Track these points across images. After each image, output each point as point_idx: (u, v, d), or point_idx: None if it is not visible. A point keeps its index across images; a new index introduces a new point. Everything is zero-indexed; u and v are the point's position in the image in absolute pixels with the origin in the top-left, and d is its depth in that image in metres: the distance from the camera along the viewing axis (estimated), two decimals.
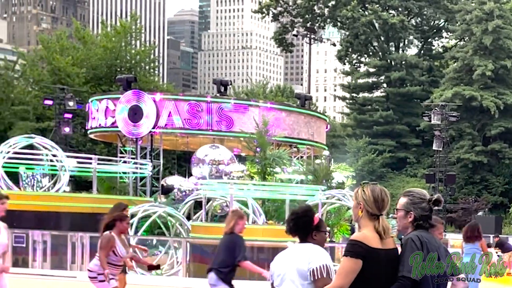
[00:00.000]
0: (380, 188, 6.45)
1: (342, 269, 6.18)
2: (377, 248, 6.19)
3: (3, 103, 75.75)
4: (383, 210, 6.32)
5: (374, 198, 6.33)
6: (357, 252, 6.13)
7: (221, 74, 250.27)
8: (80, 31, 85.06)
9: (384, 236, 6.25)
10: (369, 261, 6.12)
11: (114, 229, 12.91)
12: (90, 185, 39.59)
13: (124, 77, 40.92)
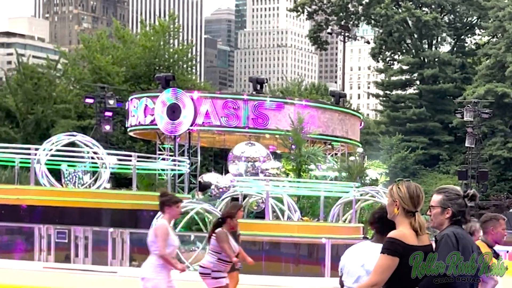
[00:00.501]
0: (415, 184, 6.44)
1: (378, 266, 6.19)
2: (414, 245, 6.19)
3: (46, 101, 76.31)
4: (419, 206, 6.32)
5: (410, 195, 6.31)
6: (394, 250, 6.13)
7: (257, 72, 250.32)
8: (120, 31, 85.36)
9: (420, 233, 6.25)
10: (406, 259, 6.11)
11: (225, 226, 13.13)
12: (129, 182, 39.77)
13: (162, 76, 41.04)
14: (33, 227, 24.79)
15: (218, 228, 13.22)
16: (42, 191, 27.05)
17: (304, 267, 22.89)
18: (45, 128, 74.89)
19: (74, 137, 30.26)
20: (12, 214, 25.61)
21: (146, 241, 23.24)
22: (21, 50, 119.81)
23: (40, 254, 24.35)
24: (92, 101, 58.13)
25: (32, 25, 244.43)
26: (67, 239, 24.36)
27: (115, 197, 28.44)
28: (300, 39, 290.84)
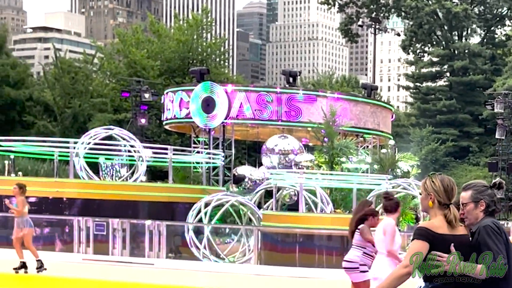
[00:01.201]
0: (448, 178, 6.46)
1: (410, 250, 6.26)
2: (445, 234, 6.23)
3: (83, 95, 76.75)
4: (453, 198, 6.35)
5: (444, 188, 6.33)
6: (423, 235, 6.19)
7: (288, 65, 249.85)
8: (155, 25, 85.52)
9: (455, 224, 6.27)
10: (436, 246, 6.15)
11: (366, 223, 13.19)
12: (164, 175, 39.87)
13: (197, 69, 41.16)
14: (72, 220, 24.97)
15: (360, 224, 13.27)
16: (81, 184, 27.23)
17: (337, 259, 22.81)
18: (82, 121, 75.31)
19: (111, 130, 30.35)
20: (52, 206, 25.80)
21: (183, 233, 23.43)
22: (58, 44, 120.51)
23: (79, 246, 24.51)
24: (128, 95, 58.44)
25: (68, 20, 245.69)
26: (105, 232, 24.49)
27: (152, 190, 28.55)
28: (331, 32, 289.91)
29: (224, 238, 24.97)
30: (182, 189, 29.25)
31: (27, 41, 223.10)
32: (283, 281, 20.50)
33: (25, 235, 20.02)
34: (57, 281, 19.25)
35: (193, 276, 21.34)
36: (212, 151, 35.20)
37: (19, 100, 78.38)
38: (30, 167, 46.70)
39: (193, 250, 23.90)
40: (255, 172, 34.46)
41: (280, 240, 24.04)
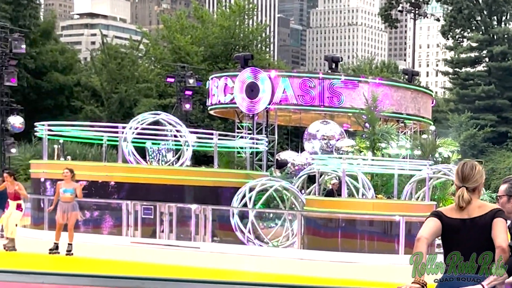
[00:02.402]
0: (466, 162, 6.50)
1: (422, 227, 6.41)
2: (450, 217, 6.32)
3: (129, 81, 77.12)
4: (464, 182, 6.34)
5: (457, 171, 6.42)
6: (433, 213, 6.35)
7: (328, 51, 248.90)
8: (198, 11, 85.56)
9: (461, 206, 6.27)
10: (444, 228, 6.29)
11: None
12: (208, 159, 39.92)
13: (241, 55, 41.03)
14: (121, 203, 25.13)
15: None
16: (129, 168, 27.24)
17: (379, 244, 22.79)
18: (128, 107, 75.72)
19: (158, 115, 30.35)
20: (101, 190, 25.95)
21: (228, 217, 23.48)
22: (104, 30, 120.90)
23: (128, 229, 24.67)
24: (172, 80, 58.55)
25: (114, 6, 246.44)
26: (153, 215, 24.62)
27: (198, 174, 28.50)
28: (371, 17, 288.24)
29: (268, 223, 24.96)
30: (227, 174, 29.20)
31: (74, 27, 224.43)
32: (326, 266, 20.48)
33: (70, 219, 20.20)
34: (105, 263, 19.38)
35: (237, 260, 21.40)
36: (255, 136, 35.14)
37: (68, 85, 79.02)
38: (78, 151, 47.03)
39: (238, 234, 23.93)
40: (298, 157, 34.41)
41: (323, 225, 23.99)
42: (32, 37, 74.70)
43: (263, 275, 17.75)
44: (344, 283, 16.16)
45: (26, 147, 52.33)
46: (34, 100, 74.59)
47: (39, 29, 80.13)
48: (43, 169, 27.41)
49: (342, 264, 20.68)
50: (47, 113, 68.03)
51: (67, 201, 20.23)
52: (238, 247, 23.31)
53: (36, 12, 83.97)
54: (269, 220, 25.06)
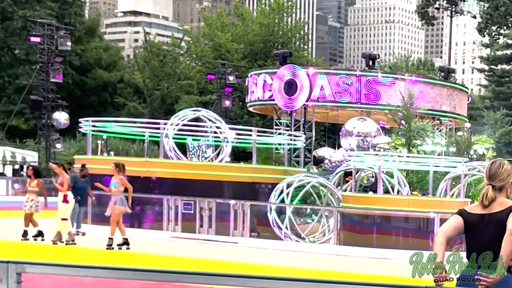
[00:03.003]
0: (494, 161, 6.58)
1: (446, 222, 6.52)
2: (472, 213, 6.42)
3: (171, 78, 77.40)
4: (491, 180, 6.43)
5: (485, 169, 6.53)
6: (458, 211, 6.46)
7: (365, 48, 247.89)
8: (239, 8, 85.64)
9: (484, 203, 6.34)
10: (466, 223, 6.37)
11: None
12: (247, 156, 39.89)
13: (280, 52, 41.01)
14: (162, 198, 25.20)
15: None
16: (170, 164, 27.29)
17: (413, 241, 22.62)
18: (169, 103, 76.02)
19: (199, 112, 30.37)
20: (143, 185, 26.03)
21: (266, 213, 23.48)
22: (147, 28, 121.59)
23: (168, 224, 24.74)
24: (213, 77, 58.75)
25: (156, 4, 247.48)
26: (192, 210, 24.65)
27: (236, 170, 28.49)
28: (407, 14, 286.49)
29: (305, 219, 24.89)
30: (265, 170, 29.17)
31: (118, 25, 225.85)
32: (361, 262, 20.38)
33: (116, 212, 20.35)
34: (146, 257, 19.46)
35: (274, 255, 21.38)
36: (293, 133, 35.08)
37: (111, 82, 79.53)
38: (121, 147, 47.27)
39: (275, 229, 23.90)
40: (335, 153, 34.28)
41: (359, 221, 23.88)
42: (77, 35, 75.29)
43: (299, 271, 17.73)
44: (379, 279, 16.08)
45: (71, 143, 52.79)
46: (79, 97, 75.20)
47: (84, 27, 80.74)
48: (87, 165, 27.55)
49: (377, 260, 20.56)
50: (91, 109, 68.62)
51: (114, 195, 20.45)
52: (275, 243, 23.28)
53: (81, 10, 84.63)
54: (306, 216, 24.99)
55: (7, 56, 76.94)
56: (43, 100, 48.31)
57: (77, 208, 23.12)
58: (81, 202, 23.47)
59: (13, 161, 52.48)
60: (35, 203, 21.57)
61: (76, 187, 22.85)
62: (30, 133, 68.87)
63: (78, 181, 23.48)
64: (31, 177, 21.88)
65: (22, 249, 20.25)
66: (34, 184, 21.57)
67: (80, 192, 23.28)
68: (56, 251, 19.73)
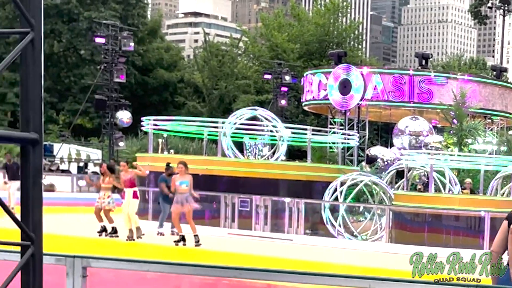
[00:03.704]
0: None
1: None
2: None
3: (229, 77, 77.60)
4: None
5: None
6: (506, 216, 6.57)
7: (419, 48, 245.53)
8: (295, 9, 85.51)
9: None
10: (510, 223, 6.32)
11: None
12: (301, 154, 39.75)
13: (335, 52, 40.93)
14: (219, 196, 25.29)
15: None
16: (227, 162, 27.36)
17: (464, 239, 22.38)
18: (227, 102, 76.24)
19: (255, 111, 30.37)
20: (202, 183, 26.14)
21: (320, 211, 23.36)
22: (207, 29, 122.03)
23: (225, 221, 24.84)
24: (269, 77, 58.73)
25: (216, 5, 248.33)
26: (249, 208, 24.70)
27: (292, 168, 28.43)
28: (460, 14, 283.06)
29: (358, 216, 24.79)
30: (320, 168, 29.08)
31: (179, 26, 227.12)
32: None
33: (187, 211, 20.52)
34: (204, 253, 19.59)
35: (328, 252, 21.34)
36: (347, 132, 34.96)
37: (172, 81, 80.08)
38: (180, 145, 47.47)
39: (329, 227, 23.86)
40: (387, 152, 34.07)
41: (410, 220, 23.71)
42: (140, 36, 75.97)
43: (352, 268, 17.67)
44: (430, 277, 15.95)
45: (133, 141, 53.23)
46: (141, 96, 75.90)
47: (146, 28, 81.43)
48: (148, 162, 27.81)
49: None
50: (152, 109, 69.22)
51: (182, 193, 20.60)
52: (328, 240, 23.24)
53: (144, 11, 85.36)
54: (359, 214, 24.90)
55: (73, 56, 78.03)
56: (107, 99, 48.80)
57: (167, 208, 22.61)
58: (170, 201, 22.64)
59: (78, 159, 53.22)
60: (112, 199, 21.84)
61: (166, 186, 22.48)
62: (94, 132, 69.76)
63: (167, 180, 22.65)
64: (104, 174, 22.08)
65: (87, 244, 20.51)
66: (107, 181, 21.80)
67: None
68: (121, 247, 19.96)
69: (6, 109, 75.47)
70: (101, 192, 21.96)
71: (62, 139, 53.84)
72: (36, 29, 4.25)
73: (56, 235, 19.19)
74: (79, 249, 17.77)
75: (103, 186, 21.97)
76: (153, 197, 25.97)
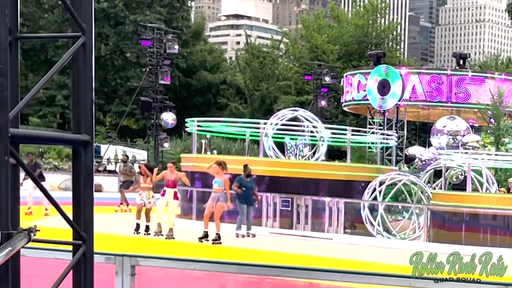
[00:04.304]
0: None
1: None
2: None
3: (270, 79, 77.62)
4: None
5: None
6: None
7: (456, 48, 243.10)
8: (335, 10, 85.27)
9: None
10: None
11: None
12: (341, 154, 39.59)
13: (374, 53, 40.84)
14: (261, 195, 25.31)
15: None
16: (269, 162, 27.38)
17: (501, 238, 22.17)
18: (268, 103, 76.25)
19: (296, 112, 30.34)
20: None
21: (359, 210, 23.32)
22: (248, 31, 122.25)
23: (267, 220, 24.88)
24: (309, 78, 58.67)
25: (257, 8, 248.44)
26: (290, 207, 24.72)
27: (332, 168, 28.34)
28: (498, 13, 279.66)
29: (396, 216, 24.69)
30: (359, 168, 28.96)
31: (221, 28, 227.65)
32: None
33: (217, 209, 20.65)
34: (246, 252, 19.65)
35: (367, 251, 21.30)
36: (386, 132, 34.82)
37: (214, 83, 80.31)
38: (223, 146, 47.62)
39: (368, 226, 23.81)
40: (425, 152, 33.88)
41: (448, 219, 23.55)
42: (184, 38, 76.31)
43: (391, 266, 17.62)
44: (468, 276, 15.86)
45: (177, 142, 53.49)
46: (185, 98, 76.22)
47: (190, 31, 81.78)
48: (192, 163, 27.97)
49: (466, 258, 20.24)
50: (195, 110, 69.48)
51: (217, 192, 20.75)
52: (367, 239, 23.18)
53: (188, 14, 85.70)
54: (397, 213, 24.80)
55: (119, 59, 78.66)
56: (152, 101, 49.12)
57: (245, 209, 22.34)
58: (248, 202, 22.46)
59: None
60: (152, 198, 22.04)
61: (242, 187, 22.20)
62: (140, 133, 70.25)
63: (244, 181, 22.45)
64: (144, 175, 22.30)
65: (134, 243, 20.72)
66: (149, 181, 22.03)
67: (247, 192, 22.36)
68: (167, 246, 20.11)
69: (55, 111, 76.34)
70: (142, 192, 22.17)
71: (109, 140, 54.31)
72: (87, 33, 4.32)
73: (104, 234, 19.38)
74: (127, 248, 17.96)
75: (144, 186, 22.21)
76: (196, 197, 26.11)
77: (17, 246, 3.88)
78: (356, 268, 15.53)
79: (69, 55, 4.26)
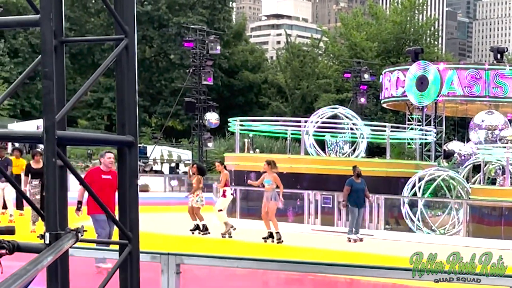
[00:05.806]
0: None
1: None
2: None
3: (310, 77, 77.45)
4: None
5: None
6: None
7: (494, 42, 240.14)
8: (373, 8, 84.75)
9: None
10: None
11: None
12: (380, 151, 39.36)
13: (412, 49, 40.60)
14: (303, 193, 25.28)
15: None
16: (310, 160, 27.33)
17: None
18: (309, 102, 76.10)
19: (336, 109, 30.22)
20: (286, 181, 26.16)
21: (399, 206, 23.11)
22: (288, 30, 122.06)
23: (309, 217, 24.83)
24: (349, 76, 58.41)
25: (297, 7, 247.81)
26: (331, 204, 24.64)
27: (371, 165, 28.12)
28: None
29: (436, 211, 24.49)
30: (398, 164, 28.78)
31: (262, 28, 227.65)
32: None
33: (270, 208, 20.65)
34: (289, 249, 19.62)
35: (407, 247, 21.14)
36: (425, 128, 34.55)
37: (256, 83, 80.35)
38: (265, 144, 47.59)
39: (408, 222, 23.66)
40: (464, 147, 33.56)
41: (487, 213, 23.29)
42: (226, 39, 76.47)
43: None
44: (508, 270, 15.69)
45: (221, 141, 53.60)
46: (227, 98, 76.39)
47: (231, 31, 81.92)
48: (235, 162, 28.02)
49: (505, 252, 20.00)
50: (238, 109, 69.61)
51: (267, 191, 20.77)
52: (407, 235, 23.01)
53: (229, 15, 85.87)
54: (437, 209, 24.59)
55: (163, 61, 79.12)
56: (196, 101, 49.31)
57: (356, 212, 21.41)
58: (359, 204, 21.48)
59: (170, 160, 53.84)
60: (200, 197, 22.02)
61: (353, 189, 21.38)
62: (184, 133, 70.55)
63: (354, 182, 21.53)
64: (195, 174, 22.31)
65: (180, 241, 20.81)
66: (195, 181, 22.07)
67: (358, 194, 21.42)
68: (211, 244, 20.15)
69: (103, 113, 77.08)
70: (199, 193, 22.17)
71: (155, 141, 54.62)
72: (130, 36, 4.35)
73: (150, 233, 19.49)
74: (172, 246, 18.06)
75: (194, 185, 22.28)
76: (240, 196, 26.16)
77: (65, 246, 3.93)
78: (397, 264, 15.43)
79: (112, 57, 4.30)
